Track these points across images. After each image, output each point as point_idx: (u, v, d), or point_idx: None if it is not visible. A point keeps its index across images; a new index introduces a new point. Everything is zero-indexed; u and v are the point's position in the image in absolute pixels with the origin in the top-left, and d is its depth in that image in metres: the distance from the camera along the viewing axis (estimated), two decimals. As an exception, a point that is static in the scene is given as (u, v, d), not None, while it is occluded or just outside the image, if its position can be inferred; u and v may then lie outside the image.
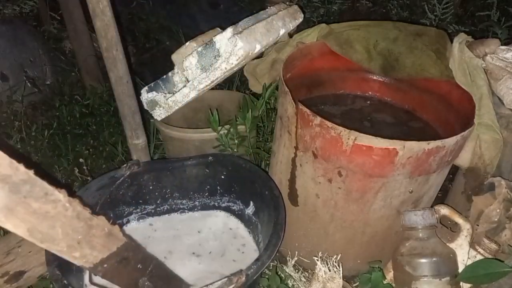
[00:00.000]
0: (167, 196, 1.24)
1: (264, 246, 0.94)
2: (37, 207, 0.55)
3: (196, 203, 1.27)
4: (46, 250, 0.90)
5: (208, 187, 1.25)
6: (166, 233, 1.23)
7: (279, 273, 1.15)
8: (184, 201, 1.27)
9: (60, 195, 0.58)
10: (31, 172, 0.53)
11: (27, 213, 0.55)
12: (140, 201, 1.21)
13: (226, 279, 0.83)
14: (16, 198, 0.52)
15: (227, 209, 1.28)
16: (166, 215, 1.26)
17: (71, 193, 0.61)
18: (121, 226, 0.86)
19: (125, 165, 1.15)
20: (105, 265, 0.70)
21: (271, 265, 1.19)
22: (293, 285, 1.14)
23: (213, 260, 1.16)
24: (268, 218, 1.08)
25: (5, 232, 1.30)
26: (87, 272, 1.01)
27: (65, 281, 0.85)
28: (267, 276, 1.11)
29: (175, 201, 1.25)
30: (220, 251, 1.18)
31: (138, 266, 0.79)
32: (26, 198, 0.53)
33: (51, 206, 0.57)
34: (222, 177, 1.22)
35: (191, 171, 1.21)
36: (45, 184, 0.55)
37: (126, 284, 0.79)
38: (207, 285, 0.84)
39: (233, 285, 0.82)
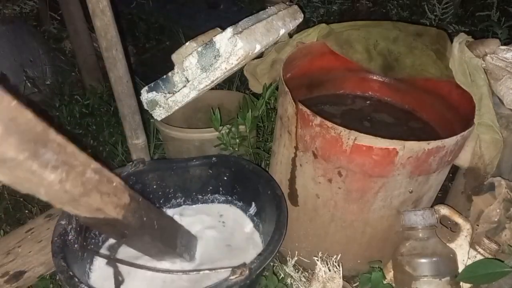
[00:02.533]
0: (170, 196, 1.24)
1: (266, 243, 0.95)
2: None
3: (198, 204, 1.27)
4: (52, 243, 0.93)
5: (210, 188, 1.25)
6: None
7: (278, 273, 1.15)
8: (186, 202, 1.26)
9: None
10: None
11: None
12: (144, 200, 1.21)
13: (230, 269, 0.84)
14: None
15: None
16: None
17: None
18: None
19: (131, 162, 1.15)
20: None
21: (271, 264, 1.19)
22: (292, 284, 1.14)
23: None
24: (270, 218, 1.08)
25: (5, 232, 1.30)
26: (90, 262, 1.05)
27: (70, 272, 0.85)
28: (265, 276, 1.11)
29: (177, 201, 1.25)
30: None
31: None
32: None
33: None
34: (225, 178, 1.22)
35: (195, 172, 1.21)
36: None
37: None
38: (210, 269, 0.92)
39: (236, 276, 0.83)
